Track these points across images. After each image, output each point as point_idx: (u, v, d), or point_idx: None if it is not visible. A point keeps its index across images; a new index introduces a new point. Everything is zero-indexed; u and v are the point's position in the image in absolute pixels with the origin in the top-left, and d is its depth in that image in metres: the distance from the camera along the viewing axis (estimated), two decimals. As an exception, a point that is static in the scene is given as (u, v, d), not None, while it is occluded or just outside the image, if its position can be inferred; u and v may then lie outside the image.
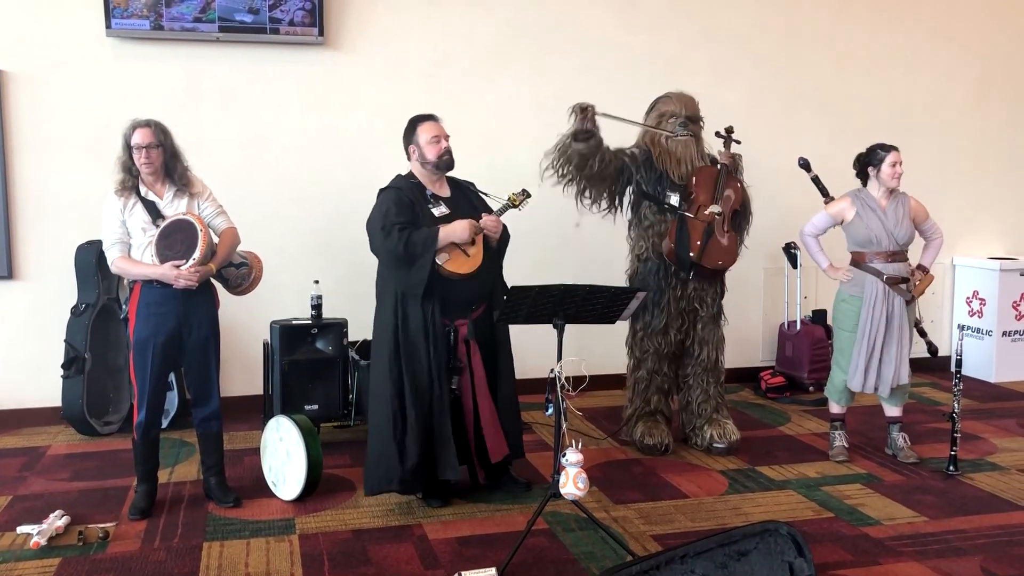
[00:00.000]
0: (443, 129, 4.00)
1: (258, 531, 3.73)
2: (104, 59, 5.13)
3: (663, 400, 4.80)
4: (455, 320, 3.92)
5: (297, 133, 5.41)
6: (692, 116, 4.67)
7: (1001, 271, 6.28)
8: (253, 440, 4.79)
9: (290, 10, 5.22)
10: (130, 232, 3.82)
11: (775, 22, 6.09)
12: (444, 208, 3.98)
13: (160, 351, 3.82)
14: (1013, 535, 3.71)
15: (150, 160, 3.77)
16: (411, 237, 3.79)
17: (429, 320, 3.85)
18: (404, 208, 3.87)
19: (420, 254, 3.78)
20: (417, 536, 3.69)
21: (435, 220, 3.92)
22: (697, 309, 4.67)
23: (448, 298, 3.89)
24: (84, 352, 4.99)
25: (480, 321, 3.99)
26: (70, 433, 5.03)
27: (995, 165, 6.65)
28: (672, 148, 4.61)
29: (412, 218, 3.87)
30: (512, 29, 5.68)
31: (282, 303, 5.19)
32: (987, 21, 6.52)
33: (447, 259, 3.84)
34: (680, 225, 4.53)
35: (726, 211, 4.60)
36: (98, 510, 3.92)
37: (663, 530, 3.75)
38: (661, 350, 4.70)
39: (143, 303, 3.81)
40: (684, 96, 4.71)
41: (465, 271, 3.86)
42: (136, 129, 3.77)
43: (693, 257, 4.50)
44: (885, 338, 4.46)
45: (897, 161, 4.45)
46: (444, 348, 3.88)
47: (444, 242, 3.81)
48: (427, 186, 4.02)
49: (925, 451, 4.73)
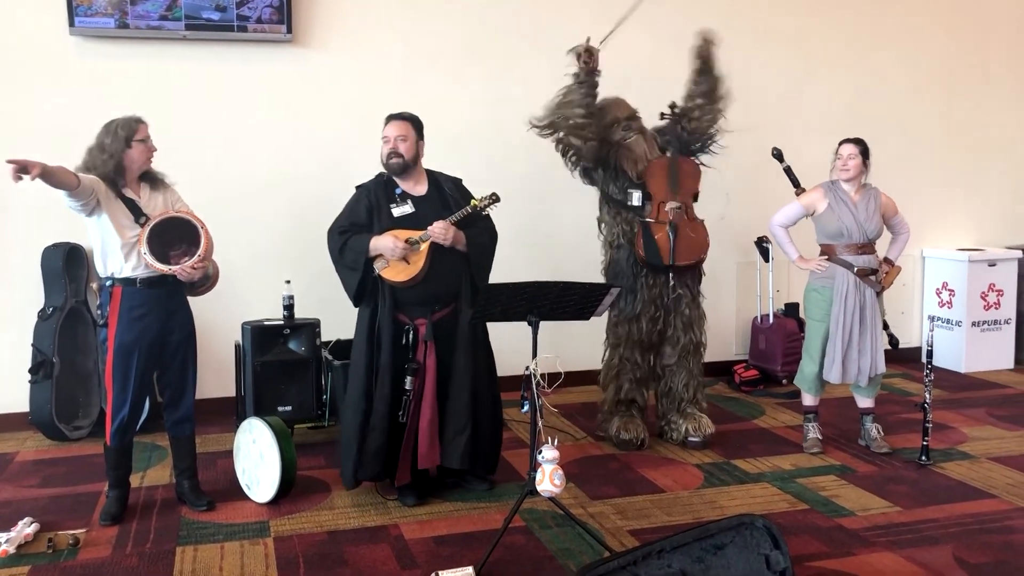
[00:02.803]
0: (400, 130, 3.94)
1: (232, 534, 3.69)
2: (68, 58, 5.05)
3: (636, 389, 4.81)
4: (415, 319, 3.90)
5: (266, 132, 5.35)
6: (629, 116, 4.75)
7: (969, 262, 6.36)
8: (226, 443, 4.74)
9: (258, 7, 5.16)
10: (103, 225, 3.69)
11: (745, 19, 6.11)
12: (408, 207, 3.95)
13: (145, 356, 3.77)
14: (984, 523, 3.76)
15: (151, 154, 3.81)
16: (347, 243, 3.90)
17: (381, 319, 3.88)
18: (355, 211, 3.97)
19: (352, 260, 3.87)
20: (393, 536, 3.67)
21: (393, 221, 3.91)
22: (680, 293, 4.68)
23: (401, 298, 3.90)
24: (52, 356, 4.91)
25: (443, 323, 3.94)
26: (39, 439, 4.95)
27: (962, 158, 6.73)
28: (632, 147, 4.66)
29: (361, 221, 3.94)
30: (483, 26, 5.66)
31: (253, 304, 5.14)
32: (953, 16, 6.59)
33: (384, 266, 3.85)
34: (645, 232, 4.55)
35: (687, 201, 4.62)
36: (68, 516, 3.86)
37: (640, 525, 3.76)
38: (634, 337, 4.71)
39: (125, 307, 3.74)
40: (614, 100, 4.76)
41: (402, 279, 3.84)
42: (139, 124, 3.77)
43: (666, 262, 4.52)
44: (860, 329, 4.49)
45: (843, 152, 4.51)
46: (394, 347, 3.87)
47: (373, 252, 3.85)
48: (400, 183, 3.99)
49: (897, 441, 4.78)
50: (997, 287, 6.42)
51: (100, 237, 3.74)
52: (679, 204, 4.57)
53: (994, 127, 6.78)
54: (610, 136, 4.68)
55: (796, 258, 4.67)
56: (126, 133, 3.72)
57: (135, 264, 3.72)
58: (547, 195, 5.68)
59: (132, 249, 3.71)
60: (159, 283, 3.76)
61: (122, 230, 3.70)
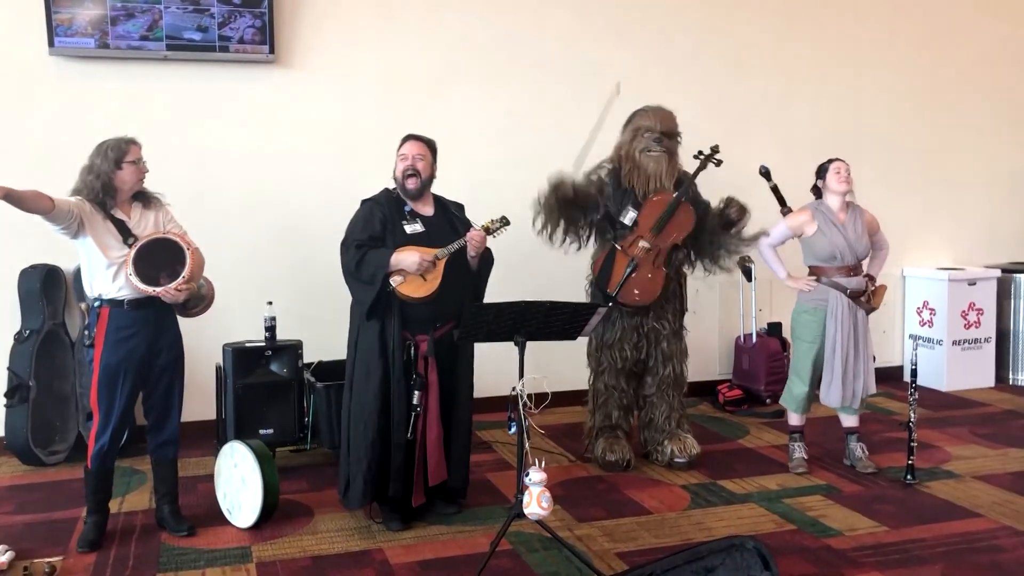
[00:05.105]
0: (419, 149, 3.99)
1: (213, 560, 3.62)
2: (47, 78, 5.00)
3: (623, 416, 4.79)
4: (416, 335, 3.89)
5: (248, 152, 5.32)
6: (668, 131, 4.62)
7: (950, 281, 6.40)
8: (206, 467, 4.67)
9: (240, 28, 5.15)
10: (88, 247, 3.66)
11: (725, 38, 6.16)
12: (419, 227, 3.96)
13: (131, 378, 3.72)
14: (971, 542, 3.75)
15: (143, 175, 3.78)
16: (365, 256, 3.83)
17: (390, 336, 3.86)
18: (371, 224, 3.91)
19: (371, 274, 3.80)
20: (378, 561, 3.61)
21: (406, 237, 3.90)
22: (658, 328, 4.66)
23: (409, 314, 3.88)
24: (28, 380, 4.83)
25: (443, 340, 3.94)
26: (14, 464, 4.85)
27: (941, 177, 6.79)
28: (644, 164, 4.57)
29: (378, 235, 3.90)
30: (465, 44, 5.66)
31: (234, 326, 5.08)
32: (930, 39, 6.67)
33: (401, 282, 3.82)
34: (608, 255, 4.54)
35: (664, 246, 4.55)
36: (45, 543, 3.77)
37: (627, 547, 3.72)
38: (616, 365, 4.69)
39: (112, 327, 3.69)
40: (661, 111, 4.66)
41: (419, 295, 3.83)
42: (131, 145, 3.74)
43: (610, 290, 4.51)
44: (855, 352, 4.49)
45: (841, 168, 4.50)
46: (402, 363, 3.86)
47: (394, 267, 3.80)
48: (408, 202, 4.00)
49: (882, 460, 4.77)
50: (977, 306, 6.46)
51: (86, 258, 3.70)
52: (650, 246, 4.53)
53: (972, 148, 6.84)
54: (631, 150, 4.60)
55: (784, 277, 4.68)
56: (116, 155, 3.70)
57: (122, 285, 3.67)
58: (528, 215, 5.66)
59: (119, 270, 3.66)
60: (147, 304, 3.71)
61: (107, 250, 3.66)
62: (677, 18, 6.04)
